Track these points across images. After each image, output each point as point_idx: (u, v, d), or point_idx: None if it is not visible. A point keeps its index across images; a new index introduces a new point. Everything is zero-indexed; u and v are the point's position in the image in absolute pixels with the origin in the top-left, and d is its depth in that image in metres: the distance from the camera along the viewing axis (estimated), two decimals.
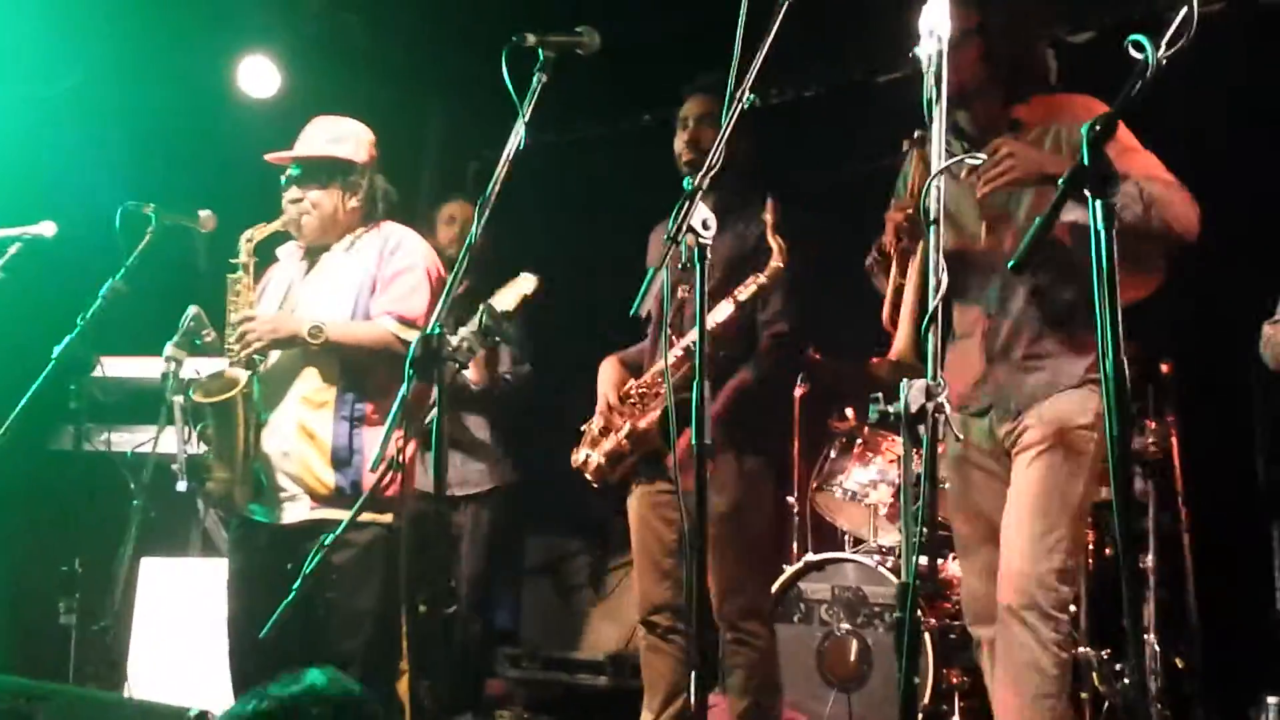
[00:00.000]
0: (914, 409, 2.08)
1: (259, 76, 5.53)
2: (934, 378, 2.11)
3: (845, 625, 4.29)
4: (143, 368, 4.28)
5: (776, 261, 3.43)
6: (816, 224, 3.66)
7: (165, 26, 5.35)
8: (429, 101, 6.30)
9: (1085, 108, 2.86)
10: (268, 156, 3.43)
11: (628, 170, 4.25)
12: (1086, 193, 1.90)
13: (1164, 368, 4.05)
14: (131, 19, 5.16)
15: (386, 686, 3.21)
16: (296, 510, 3.22)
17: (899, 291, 2.95)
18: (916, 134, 3.05)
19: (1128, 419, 1.84)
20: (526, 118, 2.66)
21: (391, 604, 3.21)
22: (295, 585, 2.66)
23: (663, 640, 3.60)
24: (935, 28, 2.20)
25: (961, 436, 2.98)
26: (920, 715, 3.98)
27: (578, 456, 3.70)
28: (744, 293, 3.45)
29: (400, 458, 2.71)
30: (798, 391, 4.89)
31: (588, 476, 3.69)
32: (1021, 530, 2.81)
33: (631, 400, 3.61)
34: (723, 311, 3.45)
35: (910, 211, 2.87)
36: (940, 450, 4.35)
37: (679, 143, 3.64)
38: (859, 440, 4.65)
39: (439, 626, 4.58)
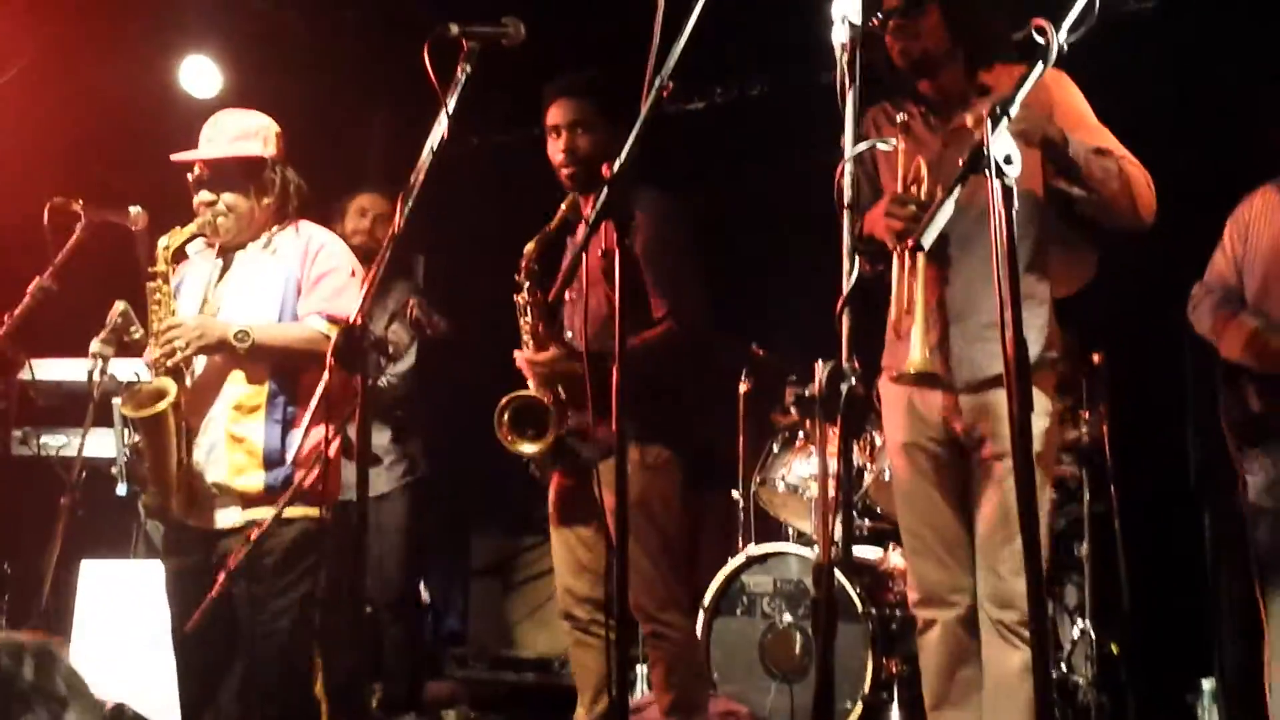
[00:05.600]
0: (826, 390, 2.09)
1: (200, 76, 5.50)
2: (848, 358, 2.13)
3: (787, 617, 4.32)
4: (74, 370, 4.24)
5: None
6: (687, 211, 3.59)
7: (106, 25, 5.31)
8: (373, 101, 6.28)
9: (1053, 78, 2.86)
10: (175, 157, 3.34)
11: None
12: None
13: (1095, 358, 4.10)
14: (72, 15, 5.12)
15: (304, 684, 3.18)
16: (229, 516, 3.18)
17: (902, 296, 2.83)
18: (899, 117, 2.96)
19: (1028, 400, 1.87)
20: (450, 109, 2.66)
21: (316, 600, 3.18)
22: (220, 579, 2.65)
23: (586, 634, 3.58)
24: (847, 13, 2.22)
25: (878, 413, 2.97)
26: (861, 704, 4.01)
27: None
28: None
29: (325, 450, 2.69)
30: (742, 388, 4.92)
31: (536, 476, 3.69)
32: (1007, 544, 2.80)
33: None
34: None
35: (913, 209, 2.73)
36: (879, 440, 4.42)
37: (555, 151, 3.55)
38: (801, 434, 4.68)
39: (363, 630, 4.56)
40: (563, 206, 3.53)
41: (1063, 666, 4.15)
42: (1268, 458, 3.33)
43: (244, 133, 3.33)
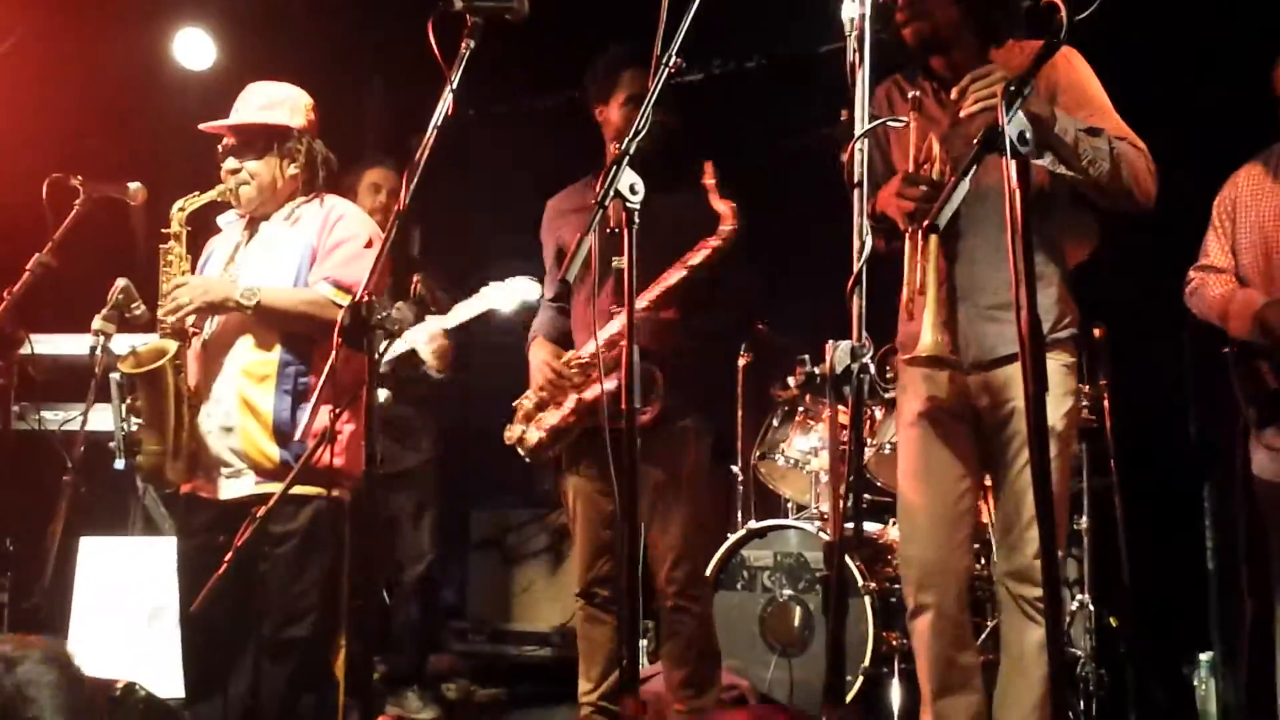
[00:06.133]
0: (839, 370, 2.09)
1: (195, 49, 5.46)
2: (859, 338, 2.13)
3: (787, 591, 4.33)
4: (74, 344, 4.23)
5: (728, 224, 3.43)
6: (744, 200, 3.64)
7: None
8: (368, 75, 6.24)
9: (1064, 57, 2.83)
10: (203, 126, 3.35)
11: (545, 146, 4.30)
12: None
13: (1096, 332, 4.10)
14: None
15: (326, 663, 3.20)
16: (241, 485, 3.18)
17: (913, 277, 2.82)
18: (911, 94, 2.93)
19: (1043, 378, 1.87)
20: (455, 84, 2.64)
21: (337, 579, 3.19)
22: (228, 558, 2.65)
23: (601, 611, 3.61)
24: None
25: (883, 389, 2.97)
26: (861, 677, 4.03)
27: (512, 433, 3.69)
28: (696, 257, 3.45)
29: (333, 428, 2.69)
30: (741, 361, 4.92)
31: (522, 452, 3.69)
32: (1030, 526, 2.79)
33: (574, 372, 3.61)
34: (673, 276, 3.45)
35: (925, 189, 2.72)
36: (879, 414, 4.43)
37: (630, 119, 3.59)
38: (801, 409, 4.68)
39: (380, 604, 4.59)
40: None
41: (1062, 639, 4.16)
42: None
43: (270, 102, 3.33)
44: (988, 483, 3.24)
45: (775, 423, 4.76)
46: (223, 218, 3.41)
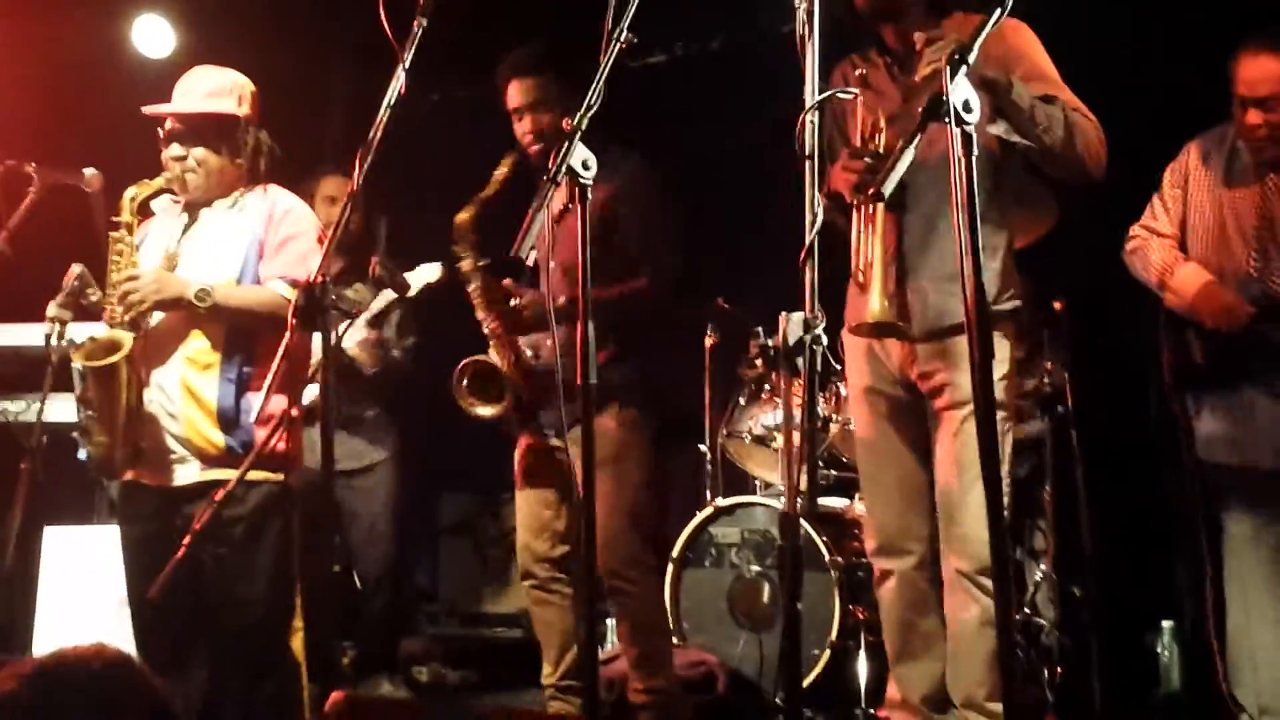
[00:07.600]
0: (791, 342, 2.10)
1: (153, 36, 5.40)
2: (812, 310, 2.14)
3: (755, 567, 4.35)
4: (29, 334, 4.19)
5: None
6: (664, 176, 3.63)
7: None
8: (331, 64, 6.19)
9: (1012, 28, 2.86)
10: (147, 110, 3.30)
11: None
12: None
13: (1056, 305, 4.12)
14: None
15: (282, 645, 3.19)
16: (186, 472, 3.18)
17: (862, 248, 2.82)
18: (858, 72, 2.97)
19: (989, 348, 1.88)
20: (407, 64, 2.63)
21: (287, 562, 3.18)
22: (184, 543, 2.64)
23: (545, 592, 3.62)
24: None
25: (840, 365, 3.00)
26: (828, 651, 4.05)
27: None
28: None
29: (288, 413, 2.68)
30: (708, 341, 4.93)
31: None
32: (965, 494, 2.82)
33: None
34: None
35: (869, 162, 2.75)
36: (844, 390, 4.44)
37: (521, 133, 3.57)
38: (766, 386, 4.69)
39: (337, 592, 4.58)
40: (501, 169, 3.55)
41: (1026, 609, 4.21)
42: (1208, 410, 3.38)
43: (219, 90, 3.30)
44: None
45: (741, 400, 4.77)
46: (158, 203, 3.36)
